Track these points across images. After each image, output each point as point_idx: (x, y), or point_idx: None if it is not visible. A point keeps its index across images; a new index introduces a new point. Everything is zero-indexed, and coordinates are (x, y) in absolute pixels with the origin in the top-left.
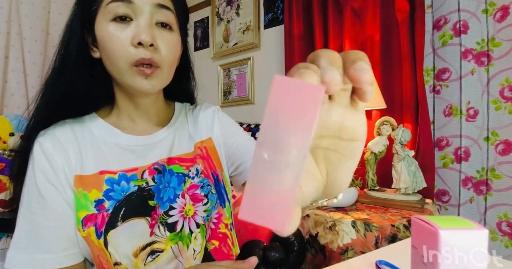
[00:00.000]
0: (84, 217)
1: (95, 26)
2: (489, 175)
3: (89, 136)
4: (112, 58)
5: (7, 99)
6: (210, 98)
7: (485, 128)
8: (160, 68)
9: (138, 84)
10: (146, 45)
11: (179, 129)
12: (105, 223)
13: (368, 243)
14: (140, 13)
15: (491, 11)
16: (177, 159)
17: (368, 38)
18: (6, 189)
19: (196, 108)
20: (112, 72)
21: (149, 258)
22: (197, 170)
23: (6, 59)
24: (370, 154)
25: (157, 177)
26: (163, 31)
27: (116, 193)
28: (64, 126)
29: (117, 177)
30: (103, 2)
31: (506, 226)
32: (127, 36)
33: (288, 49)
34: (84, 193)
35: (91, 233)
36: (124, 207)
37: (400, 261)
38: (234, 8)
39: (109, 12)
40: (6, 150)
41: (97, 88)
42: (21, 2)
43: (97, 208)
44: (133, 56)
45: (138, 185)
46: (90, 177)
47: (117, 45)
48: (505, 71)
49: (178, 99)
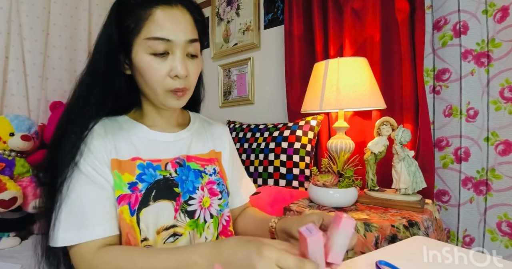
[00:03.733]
0: (119, 196)
1: (132, 53)
2: (489, 175)
3: (122, 132)
4: (149, 85)
5: (7, 99)
6: (210, 98)
7: (485, 129)
8: (189, 90)
9: (171, 104)
10: (182, 77)
11: (196, 133)
12: (138, 202)
13: (368, 243)
14: (175, 48)
15: (491, 11)
16: (194, 158)
17: (368, 38)
18: (6, 189)
19: (210, 120)
20: (147, 92)
21: (171, 239)
22: (214, 170)
23: (6, 59)
24: (370, 155)
25: (179, 169)
26: (192, 61)
27: (148, 176)
28: (101, 123)
29: (146, 164)
30: (141, 34)
31: (506, 226)
32: (164, 68)
33: (288, 49)
34: (118, 174)
35: (124, 211)
36: (155, 189)
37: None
38: (234, 9)
39: (150, 47)
40: (6, 150)
41: (128, 98)
42: (21, 2)
43: (131, 189)
44: (170, 85)
45: (163, 175)
46: (124, 162)
47: (156, 76)
48: (505, 72)
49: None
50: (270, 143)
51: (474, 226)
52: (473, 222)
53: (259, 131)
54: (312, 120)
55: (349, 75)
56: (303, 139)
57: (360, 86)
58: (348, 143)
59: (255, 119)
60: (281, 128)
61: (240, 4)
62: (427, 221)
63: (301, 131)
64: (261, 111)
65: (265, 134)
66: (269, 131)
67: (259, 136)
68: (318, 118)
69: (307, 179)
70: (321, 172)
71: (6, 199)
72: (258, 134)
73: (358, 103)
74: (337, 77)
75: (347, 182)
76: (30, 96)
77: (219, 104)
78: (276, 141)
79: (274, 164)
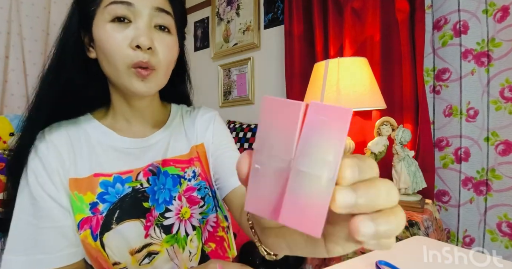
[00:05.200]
0: (80, 220)
1: (93, 27)
2: (489, 175)
3: (85, 139)
4: (109, 59)
5: (7, 99)
6: (210, 98)
7: (485, 129)
8: (157, 71)
9: (135, 86)
10: (144, 48)
11: (175, 130)
12: (99, 226)
13: None
14: (139, 15)
15: (491, 11)
16: (172, 161)
17: (368, 38)
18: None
19: (195, 111)
20: (108, 73)
21: (146, 260)
22: (194, 172)
23: (6, 59)
24: (370, 154)
25: (152, 178)
26: (161, 34)
27: (111, 195)
28: (59, 129)
29: (112, 180)
30: (102, 3)
31: (506, 226)
32: (125, 38)
33: (288, 49)
34: (79, 196)
35: (88, 235)
36: (119, 209)
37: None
38: (234, 8)
39: (108, 13)
40: (6, 150)
41: (93, 88)
42: (21, 2)
43: (92, 211)
44: (131, 58)
45: (132, 186)
46: (84, 179)
47: (115, 46)
48: (505, 72)
49: (174, 101)
50: None
51: (474, 227)
52: (473, 223)
53: None
54: None
55: (349, 75)
56: None
57: (360, 86)
58: (348, 143)
59: (255, 119)
60: None
61: (240, 4)
62: (427, 221)
63: None
64: None
65: None
66: None
67: None
68: None
69: None
70: None
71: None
72: None
73: (358, 103)
74: (337, 77)
75: None
76: (30, 96)
77: (219, 104)
78: None
79: None
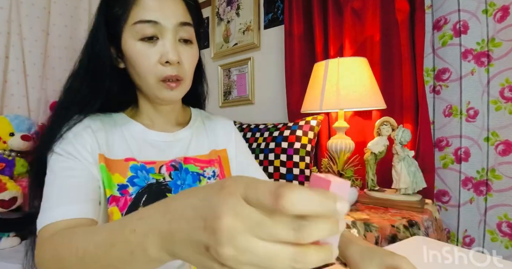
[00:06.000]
0: (109, 196)
1: (121, 42)
2: (489, 175)
3: (117, 129)
4: (140, 74)
5: (7, 99)
6: (210, 98)
7: (485, 129)
8: (184, 80)
9: (164, 94)
10: (174, 63)
11: (197, 132)
12: (127, 207)
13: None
14: (165, 32)
15: (491, 11)
16: (193, 159)
17: (368, 38)
18: (6, 189)
19: (214, 117)
20: (139, 84)
21: None
22: (213, 172)
23: (6, 59)
24: (370, 155)
25: (174, 173)
26: (185, 47)
27: (140, 179)
28: (95, 117)
29: (139, 166)
30: (129, 21)
31: (506, 227)
32: (154, 55)
33: (288, 49)
34: (108, 174)
35: (115, 212)
36: (146, 194)
37: None
38: (234, 9)
39: (137, 32)
40: (6, 150)
41: (124, 94)
42: (21, 2)
43: (121, 192)
44: (161, 73)
45: (156, 179)
46: (115, 161)
47: (145, 63)
48: (505, 72)
49: (191, 101)
50: (270, 143)
51: (474, 227)
52: (473, 223)
53: (259, 131)
54: (312, 120)
55: (349, 75)
56: (303, 139)
57: (360, 86)
58: (348, 143)
59: (255, 119)
60: (281, 128)
61: (240, 4)
62: (427, 221)
63: (301, 131)
64: (261, 111)
65: (265, 134)
66: (269, 131)
67: (259, 136)
68: (318, 118)
69: (307, 179)
70: (321, 172)
71: (6, 199)
72: (258, 134)
73: (358, 103)
74: (337, 77)
75: None
76: (30, 96)
77: (219, 104)
78: (276, 141)
79: (274, 164)
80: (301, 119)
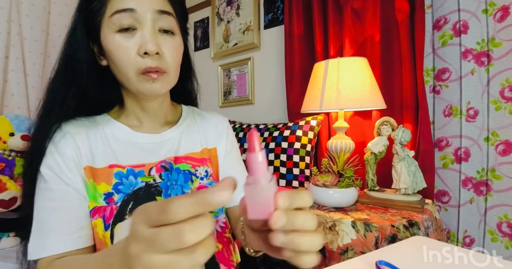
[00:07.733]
0: (92, 208)
1: (101, 37)
2: (489, 175)
3: (100, 133)
4: (119, 68)
5: (7, 99)
6: (210, 98)
7: (485, 129)
8: (167, 73)
9: (146, 87)
10: (152, 54)
11: (187, 130)
12: (113, 216)
13: (368, 243)
14: (143, 21)
15: (491, 11)
16: (184, 158)
17: (368, 38)
18: (6, 189)
19: (207, 114)
20: (120, 79)
21: None
22: (206, 172)
23: (6, 59)
24: (370, 155)
25: (164, 174)
26: (166, 37)
27: (125, 186)
28: (76, 122)
29: (125, 172)
30: (106, 13)
31: (507, 227)
32: (133, 46)
33: (288, 49)
34: (94, 184)
35: (98, 224)
36: (132, 201)
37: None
38: (234, 9)
39: (114, 23)
40: (6, 150)
41: (107, 93)
42: (21, 2)
43: (106, 201)
44: (140, 65)
45: (146, 181)
46: (99, 170)
47: (124, 56)
48: (505, 71)
49: (183, 100)
50: (270, 143)
51: (474, 227)
52: (473, 223)
53: (259, 131)
54: (312, 120)
55: (349, 75)
56: (303, 139)
57: (360, 86)
58: (348, 143)
59: (255, 119)
60: (281, 128)
61: (240, 4)
62: (427, 221)
63: (301, 131)
64: (261, 111)
65: (265, 134)
66: (269, 131)
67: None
68: (318, 118)
69: (307, 179)
70: (321, 172)
71: (6, 199)
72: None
73: (358, 103)
74: (337, 77)
75: (347, 182)
76: (30, 96)
77: (219, 104)
78: (276, 141)
79: (274, 164)
80: (301, 119)
